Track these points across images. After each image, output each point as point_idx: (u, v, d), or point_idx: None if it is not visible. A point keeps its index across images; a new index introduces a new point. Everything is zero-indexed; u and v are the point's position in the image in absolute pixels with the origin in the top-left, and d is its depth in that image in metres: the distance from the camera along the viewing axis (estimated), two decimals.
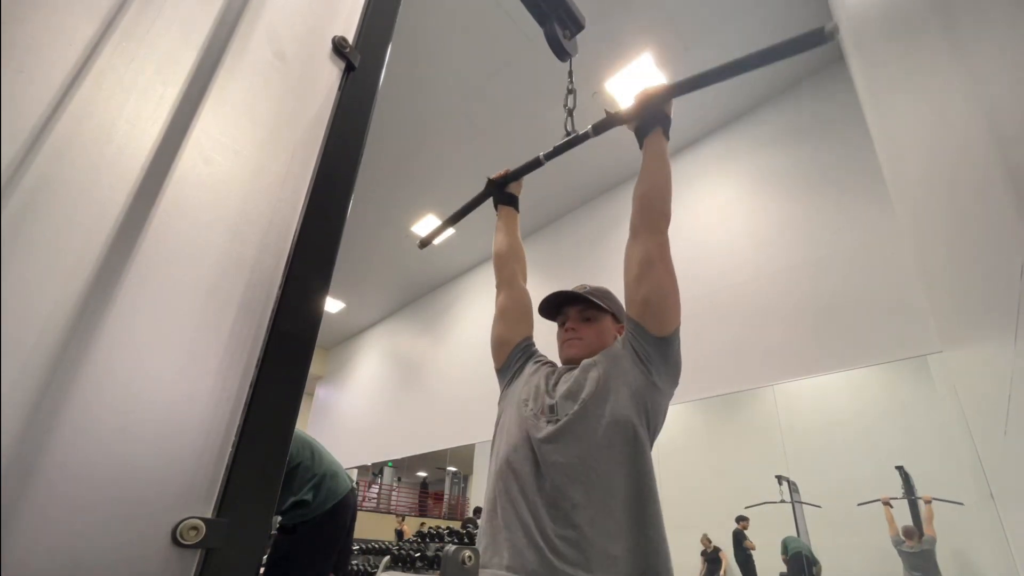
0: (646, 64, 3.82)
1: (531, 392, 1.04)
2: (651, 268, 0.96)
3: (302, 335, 0.51)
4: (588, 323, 1.11)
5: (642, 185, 1.06)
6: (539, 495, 0.86)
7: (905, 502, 2.74)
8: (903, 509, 2.74)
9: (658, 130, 1.10)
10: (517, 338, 1.18)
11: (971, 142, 1.03)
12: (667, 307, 0.94)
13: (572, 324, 1.11)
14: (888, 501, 2.72)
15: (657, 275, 0.95)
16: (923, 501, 2.64)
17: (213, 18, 0.52)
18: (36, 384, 0.34)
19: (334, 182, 0.58)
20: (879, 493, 2.83)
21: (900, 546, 2.67)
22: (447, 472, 6.88)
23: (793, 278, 3.45)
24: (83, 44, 0.42)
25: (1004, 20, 0.74)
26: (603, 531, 0.80)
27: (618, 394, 0.92)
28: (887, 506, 2.72)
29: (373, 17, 0.69)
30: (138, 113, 0.44)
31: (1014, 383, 1.13)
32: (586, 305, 1.11)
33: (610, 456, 0.86)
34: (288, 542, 2.09)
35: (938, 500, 2.60)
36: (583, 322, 1.11)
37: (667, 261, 0.97)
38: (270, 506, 0.45)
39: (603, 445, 0.87)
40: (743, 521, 3.33)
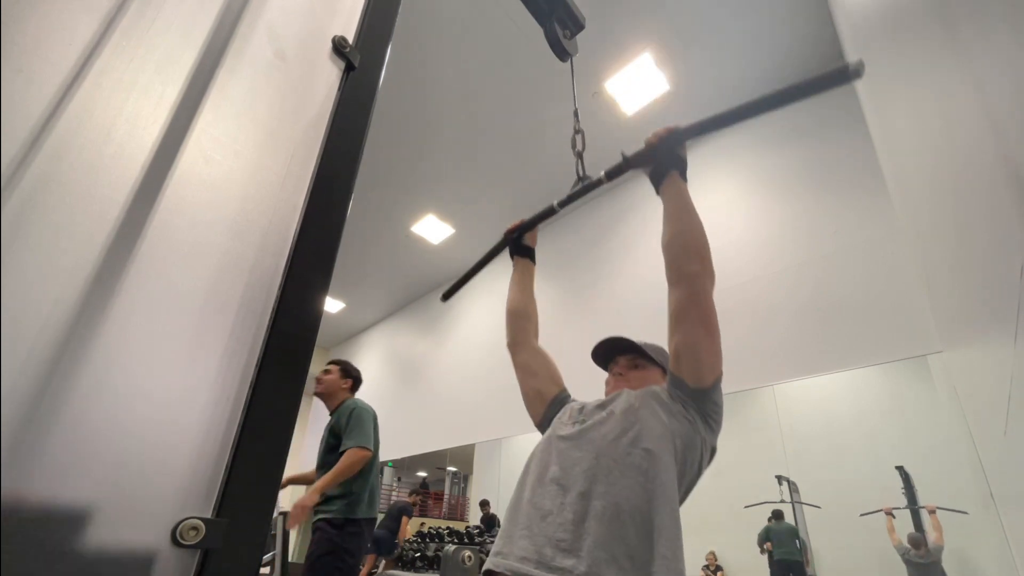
0: (646, 64, 3.82)
1: (563, 415, 1.05)
2: (681, 321, 0.93)
3: (302, 335, 0.51)
4: (636, 370, 1.12)
5: (665, 234, 1.02)
6: (549, 490, 0.85)
7: (907, 510, 2.73)
8: (904, 516, 2.74)
9: (673, 173, 1.06)
10: (553, 391, 1.17)
11: (971, 142, 1.03)
12: (699, 359, 0.91)
13: (620, 370, 1.13)
14: (890, 511, 2.71)
15: (688, 327, 0.92)
16: (927, 511, 2.62)
17: (213, 18, 0.52)
18: (36, 384, 0.34)
19: (334, 182, 0.58)
20: (879, 493, 2.83)
21: (907, 555, 2.66)
22: (447, 472, 6.88)
23: (793, 278, 3.45)
24: (83, 44, 0.42)
25: (1004, 20, 0.74)
26: (609, 543, 0.76)
27: (649, 418, 0.90)
28: (889, 516, 2.71)
29: (373, 17, 0.69)
30: (138, 113, 0.44)
31: (1014, 383, 1.13)
32: (636, 354, 1.13)
33: (627, 465, 0.83)
34: (339, 537, 2.09)
35: (942, 509, 2.59)
36: (631, 368, 1.12)
37: (701, 311, 0.92)
38: (270, 506, 0.45)
39: (622, 454, 0.85)
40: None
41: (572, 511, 0.80)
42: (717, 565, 3.42)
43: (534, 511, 0.84)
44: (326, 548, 2.06)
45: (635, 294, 4.35)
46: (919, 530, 2.67)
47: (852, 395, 3.16)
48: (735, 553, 3.41)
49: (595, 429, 0.91)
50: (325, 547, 2.06)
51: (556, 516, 0.81)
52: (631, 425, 0.89)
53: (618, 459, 0.84)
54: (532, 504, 0.85)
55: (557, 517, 0.80)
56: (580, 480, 0.83)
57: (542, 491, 0.86)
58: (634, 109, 4.17)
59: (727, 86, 3.94)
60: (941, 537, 2.55)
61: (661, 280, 1.01)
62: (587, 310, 4.81)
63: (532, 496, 0.87)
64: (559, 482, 0.86)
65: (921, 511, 2.69)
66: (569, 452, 0.90)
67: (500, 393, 5.05)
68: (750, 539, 3.37)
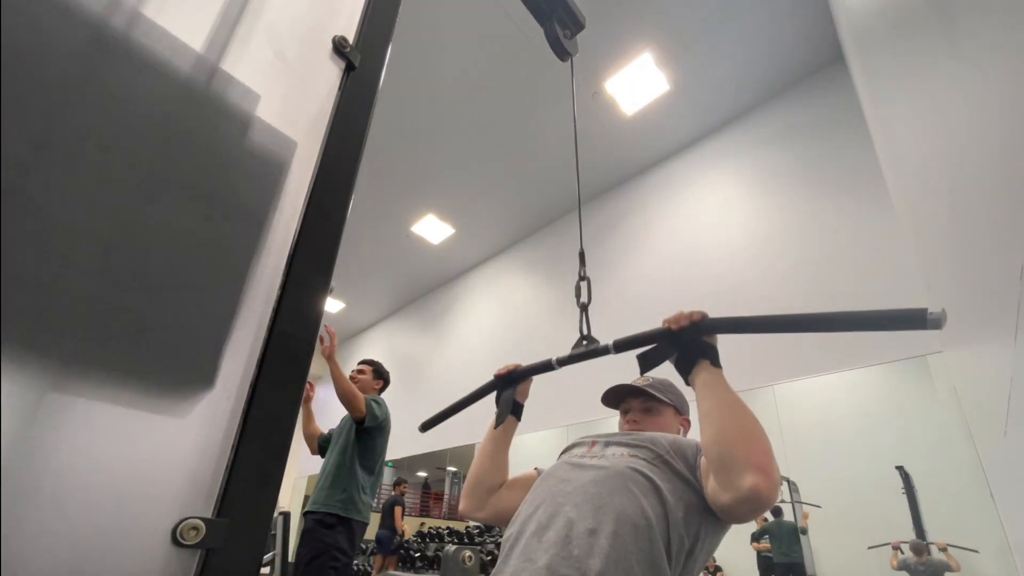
0: (646, 64, 3.82)
1: (583, 445, 1.03)
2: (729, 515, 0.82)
3: (302, 335, 0.51)
4: (649, 414, 1.10)
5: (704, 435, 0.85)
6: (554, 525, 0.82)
7: (909, 510, 2.71)
8: (905, 516, 2.73)
9: (703, 363, 0.91)
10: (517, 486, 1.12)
11: (971, 142, 1.03)
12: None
13: (635, 416, 1.12)
14: (898, 545, 2.70)
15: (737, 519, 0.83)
16: (937, 548, 2.61)
17: (213, 18, 0.52)
18: (37, 391, 0.34)
19: (334, 182, 0.58)
20: (879, 493, 2.83)
21: (907, 562, 2.65)
22: (447, 472, 6.88)
23: (793, 278, 3.45)
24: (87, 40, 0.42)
25: (1004, 20, 0.74)
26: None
27: (667, 473, 0.87)
28: (896, 550, 2.70)
29: (373, 17, 0.69)
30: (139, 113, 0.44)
31: (1014, 383, 1.13)
32: (648, 398, 1.12)
33: (637, 502, 0.80)
34: (329, 536, 2.08)
35: (952, 547, 2.57)
36: (645, 413, 1.11)
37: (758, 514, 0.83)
38: (270, 506, 0.45)
39: (631, 492, 0.82)
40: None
41: (579, 547, 0.76)
42: (716, 566, 3.42)
43: (536, 541, 0.81)
44: (317, 549, 2.04)
45: (636, 293, 4.35)
46: (920, 532, 2.67)
47: (852, 395, 3.16)
48: (735, 553, 3.41)
49: (606, 464, 0.90)
50: (316, 548, 2.04)
51: (562, 550, 0.77)
52: (645, 471, 0.86)
53: (629, 495, 0.82)
54: (536, 533, 0.82)
55: (562, 551, 0.77)
56: (590, 512, 0.80)
57: (547, 519, 0.83)
58: (634, 109, 4.17)
59: (727, 86, 3.94)
60: (957, 564, 2.52)
61: (662, 279, 1.01)
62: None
63: (536, 525, 0.84)
64: (566, 511, 0.83)
65: (922, 508, 2.68)
66: (580, 480, 0.87)
67: None
68: (749, 539, 3.37)
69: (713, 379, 0.89)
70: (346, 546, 2.09)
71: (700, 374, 0.91)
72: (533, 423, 4.63)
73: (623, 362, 1.11)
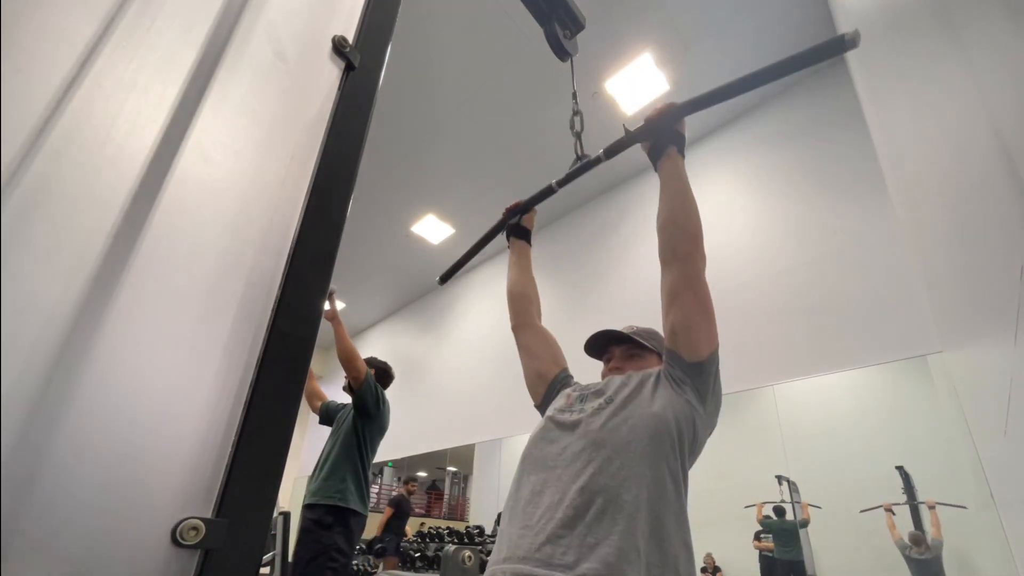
0: (646, 64, 3.82)
1: (560, 399, 1.05)
2: (676, 298, 0.95)
3: (302, 335, 0.51)
4: (632, 359, 1.11)
5: (662, 212, 1.03)
6: (549, 486, 0.83)
7: (906, 506, 2.73)
8: (904, 513, 2.74)
9: (671, 149, 1.06)
10: (554, 371, 1.17)
11: (971, 142, 1.03)
12: (695, 334, 0.92)
13: (616, 363, 1.12)
14: (890, 507, 2.71)
15: (683, 305, 0.94)
16: (927, 506, 2.62)
17: (213, 18, 0.52)
18: (36, 384, 0.34)
19: (334, 182, 0.58)
20: (879, 493, 2.83)
21: (907, 551, 2.66)
22: (447, 472, 6.88)
23: (793, 278, 3.45)
24: (83, 44, 0.42)
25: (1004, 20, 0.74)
26: (615, 537, 0.74)
27: (649, 401, 0.90)
28: (889, 512, 2.71)
29: (373, 17, 0.69)
30: (138, 113, 0.44)
31: (1014, 383, 1.13)
32: (631, 345, 1.12)
33: (629, 453, 0.82)
34: (327, 536, 2.04)
35: (941, 504, 2.59)
36: (627, 359, 1.12)
37: (695, 290, 0.94)
38: (270, 506, 0.45)
39: (621, 444, 0.84)
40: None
41: (573, 507, 0.78)
42: (716, 566, 3.42)
43: (533, 508, 0.82)
44: (315, 551, 2.02)
45: (635, 292, 4.35)
46: (919, 528, 2.67)
47: (852, 395, 3.16)
48: (735, 553, 3.41)
49: (593, 418, 0.90)
50: (313, 550, 2.02)
51: (556, 511, 0.78)
52: (628, 413, 0.88)
53: (617, 449, 0.83)
54: (531, 501, 0.84)
55: (556, 512, 0.78)
56: (580, 473, 0.82)
57: (541, 486, 0.85)
58: (634, 109, 4.17)
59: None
60: (940, 532, 2.55)
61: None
62: (587, 308, 4.81)
63: (531, 492, 0.85)
64: (558, 475, 0.84)
65: (921, 507, 2.68)
66: (567, 443, 0.89)
67: (500, 393, 5.05)
68: (749, 539, 3.37)
69: (676, 166, 1.05)
70: (344, 546, 2.08)
71: (668, 161, 1.06)
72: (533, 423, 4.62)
73: None
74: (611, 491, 0.78)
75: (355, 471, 2.21)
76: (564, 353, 1.22)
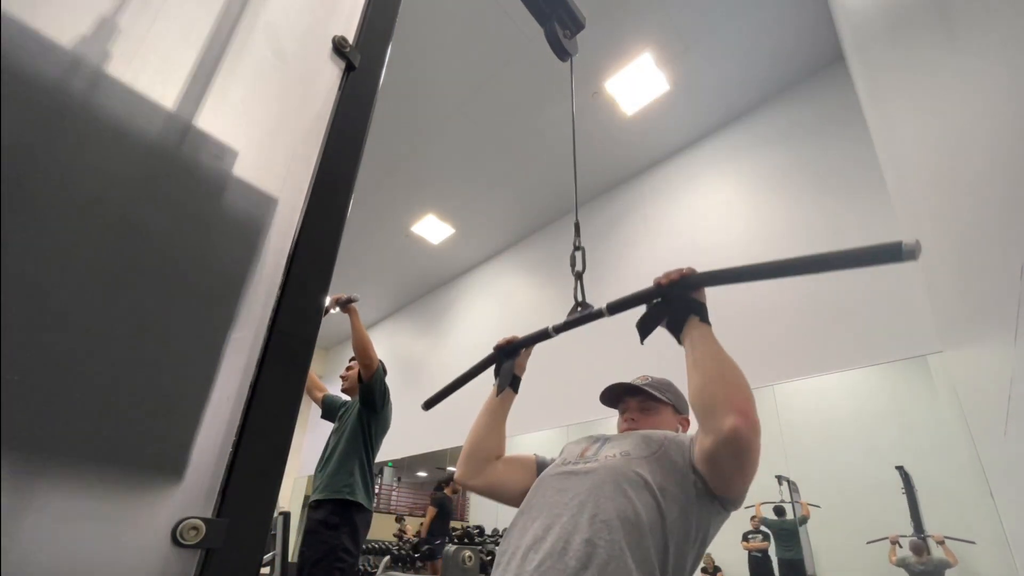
0: (646, 64, 3.82)
1: (575, 449, 1.03)
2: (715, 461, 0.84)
3: (302, 335, 0.51)
4: (647, 413, 1.10)
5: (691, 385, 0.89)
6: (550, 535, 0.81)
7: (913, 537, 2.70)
8: (904, 511, 2.74)
9: (693, 319, 0.94)
10: (535, 473, 1.09)
11: (971, 142, 1.03)
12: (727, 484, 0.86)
13: (632, 415, 1.11)
14: (897, 540, 2.70)
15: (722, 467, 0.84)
16: (935, 541, 2.61)
17: (213, 18, 0.52)
18: (36, 384, 0.34)
19: (334, 182, 0.58)
20: (879, 493, 2.83)
21: (907, 560, 2.66)
22: (447, 472, 6.88)
23: (793, 278, 3.44)
24: (83, 44, 0.42)
25: (1004, 20, 0.74)
26: None
27: (662, 469, 0.87)
28: (895, 544, 2.70)
29: (373, 17, 0.69)
30: (138, 113, 0.44)
31: (1014, 383, 1.13)
32: (645, 397, 1.11)
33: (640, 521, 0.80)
34: (334, 537, 2.03)
35: (950, 539, 2.57)
36: (642, 412, 1.11)
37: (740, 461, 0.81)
38: (270, 506, 0.45)
39: (626, 496, 0.82)
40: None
41: (576, 558, 0.76)
42: (716, 566, 3.42)
43: (535, 554, 0.80)
44: (321, 551, 2.00)
45: None
46: (919, 532, 2.67)
47: (852, 395, 3.16)
48: (735, 554, 3.41)
49: (604, 465, 0.89)
50: (320, 550, 2.01)
51: (558, 561, 0.77)
52: (643, 473, 0.86)
53: (625, 508, 0.81)
54: (533, 547, 0.81)
55: (558, 563, 0.76)
56: (586, 524, 0.80)
57: (543, 531, 0.83)
58: (634, 109, 4.17)
59: (727, 86, 3.94)
60: (955, 559, 2.53)
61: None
62: None
63: (532, 537, 0.83)
64: (563, 523, 0.82)
65: (921, 503, 2.68)
66: (575, 490, 0.87)
67: None
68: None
69: (701, 334, 0.92)
70: (351, 546, 2.08)
71: (690, 331, 0.93)
72: (533, 423, 4.63)
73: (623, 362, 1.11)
74: (616, 545, 0.77)
75: (361, 465, 2.22)
76: (561, 361, 1.19)
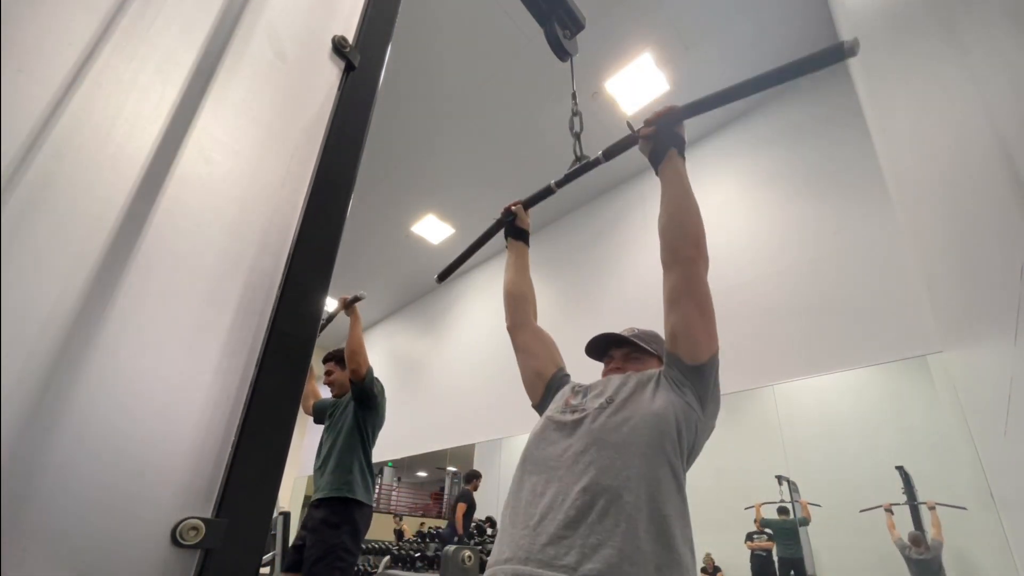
0: (646, 64, 3.82)
1: (560, 399, 1.04)
2: (677, 302, 0.94)
3: (302, 335, 0.51)
4: (632, 362, 1.11)
5: (663, 215, 1.02)
6: (550, 485, 0.83)
7: (906, 506, 2.73)
8: (904, 514, 2.74)
9: (672, 151, 1.05)
10: (552, 370, 1.16)
11: (971, 142, 1.03)
12: (695, 337, 0.92)
13: (617, 364, 1.12)
14: (890, 508, 2.71)
15: (683, 308, 0.93)
16: (927, 507, 2.62)
17: (213, 18, 0.52)
18: (37, 384, 0.34)
19: (334, 182, 0.58)
20: (879, 493, 2.83)
21: (907, 552, 2.66)
22: (447, 472, 6.88)
23: (793, 278, 3.45)
24: (83, 44, 0.42)
25: (1004, 20, 0.74)
26: (617, 539, 0.74)
27: (650, 401, 0.90)
28: (889, 513, 2.71)
29: (373, 17, 0.69)
30: (138, 113, 0.44)
31: (1014, 383, 1.13)
32: (632, 347, 1.12)
33: (631, 453, 0.82)
34: (335, 536, 2.04)
35: (941, 505, 2.59)
36: (627, 361, 1.12)
37: (696, 295, 0.93)
38: (270, 506, 0.45)
39: (621, 443, 0.84)
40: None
41: (575, 507, 0.78)
42: (716, 566, 3.42)
43: (534, 509, 0.82)
44: (321, 551, 2.02)
45: (635, 293, 4.35)
46: (919, 528, 2.67)
47: (852, 395, 3.16)
48: (734, 554, 3.41)
49: (593, 418, 0.90)
50: (320, 550, 2.02)
51: (558, 512, 0.78)
52: (629, 413, 0.88)
53: (619, 449, 0.83)
54: (532, 502, 0.83)
55: (559, 513, 0.78)
56: (582, 474, 0.81)
57: (543, 487, 0.84)
58: (634, 109, 4.17)
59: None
60: (940, 533, 2.55)
61: (661, 279, 1.00)
62: (587, 309, 4.81)
63: (532, 493, 0.85)
64: (560, 476, 0.84)
65: (921, 507, 2.69)
66: (568, 443, 0.88)
67: (500, 393, 5.04)
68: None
69: (677, 169, 1.04)
70: (351, 545, 2.09)
71: (669, 164, 1.05)
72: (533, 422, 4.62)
73: None
74: (613, 491, 0.78)
75: (360, 462, 2.22)
76: (562, 353, 1.22)
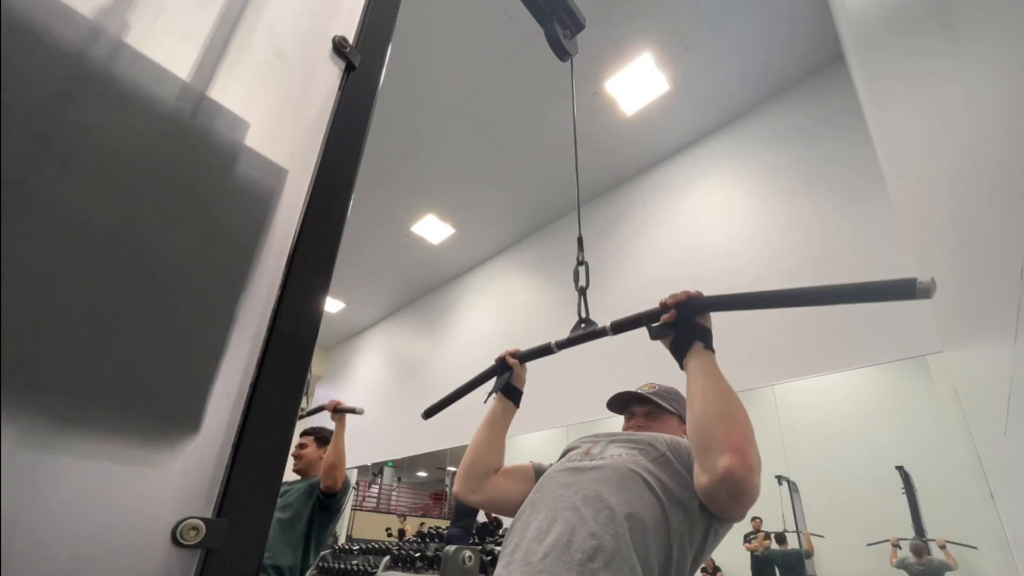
0: (646, 64, 3.82)
1: (580, 450, 1.02)
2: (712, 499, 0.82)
3: (302, 335, 0.51)
4: (653, 421, 1.10)
5: (693, 414, 0.85)
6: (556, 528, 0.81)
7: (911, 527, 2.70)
8: (903, 510, 2.74)
9: (698, 345, 0.92)
10: (533, 481, 1.06)
11: (971, 142, 1.03)
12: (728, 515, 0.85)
13: (638, 422, 1.11)
14: (897, 543, 2.70)
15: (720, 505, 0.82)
16: (936, 545, 2.61)
17: (213, 18, 0.52)
18: (37, 386, 0.34)
19: (334, 182, 0.58)
20: (879, 493, 2.83)
21: (906, 561, 2.66)
22: (447, 472, 6.88)
23: (793, 278, 3.45)
24: (83, 44, 0.42)
25: (1004, 20, 0.74)
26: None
27: (666, 473, 0.87)
28: (895, 547, 2.70)
29: (373, 17, 0.69)
30: (137, 114, 0.44)
31: (1014, 383, 1.13)
32: (652, 407, 1.11)
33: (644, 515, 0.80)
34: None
35: (951, 543, 2.57)
36: (648, 420, 1.11)
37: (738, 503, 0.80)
38: (270, 506, 0.45)
39: (631, 493, 0.82)
40: None
41: (581, 551, 0.75)
42: (716, 566, 3.42)
43: (538, 545, 0.79)
44: None
45: (636, 293, 4.35)
46: (919, 532, 2.67)
47: (852, 395, 3.16)
48: (734, 554, 3.41)
49: (607, 467, 0.89)
50: None
51: (563, 554, 0.76)
52: (648, 474, 0.86)
53: (633, 507, 0.81)
54: (536, 539, 0.81)
55: (564, 555, 0.76)
56: (592, 519, 0.80)
57: (549, 524, 0.82)
58: (634, 109, 4.17)
59: (727, 86, 3.94)
60: (955, 562, 2.53)
61: (662, 278, 1.00)
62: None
63: (538, 531, 0.82)
64: (567, 518, 0.82)
65: (921, 506, 2.68)
66: (582, 486, 0.87)
67: None
68: None
69: (704, 362, 0.89)
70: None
71: (693, 357, 0.91)
72: (533, 423, 4.63)
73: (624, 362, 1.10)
74: (621, 542, 0.76)
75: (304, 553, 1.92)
76: (562, 360, 1.19)
